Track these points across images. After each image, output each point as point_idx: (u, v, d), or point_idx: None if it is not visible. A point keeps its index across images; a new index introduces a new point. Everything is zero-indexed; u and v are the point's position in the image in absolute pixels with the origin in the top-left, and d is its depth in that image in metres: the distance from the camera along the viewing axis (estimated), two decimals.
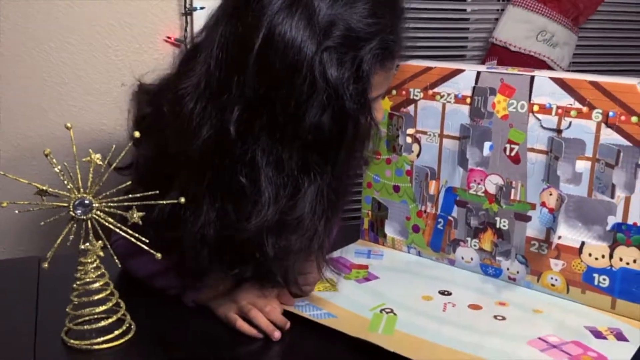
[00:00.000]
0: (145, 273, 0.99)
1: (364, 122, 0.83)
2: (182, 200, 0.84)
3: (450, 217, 1.12)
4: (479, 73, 1.05)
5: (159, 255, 0.85)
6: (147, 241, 0.85)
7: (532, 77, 0.99)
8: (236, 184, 0.83)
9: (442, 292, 1.04)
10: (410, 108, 1.13)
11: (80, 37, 1.32)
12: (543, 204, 1.01)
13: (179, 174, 0.87)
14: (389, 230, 1.21)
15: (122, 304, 0.90)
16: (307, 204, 0.83)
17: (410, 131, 1.14)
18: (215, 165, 0.83)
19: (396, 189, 1.18)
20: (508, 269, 1.07)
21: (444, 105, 1.09)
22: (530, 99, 1.00)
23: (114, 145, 0.83)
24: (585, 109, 0.95)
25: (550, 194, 1.00)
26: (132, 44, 1.35)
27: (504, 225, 1.06)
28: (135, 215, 0.85)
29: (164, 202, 0.85)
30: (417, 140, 1.14)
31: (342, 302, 0.98)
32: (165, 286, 0.98)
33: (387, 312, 0.95)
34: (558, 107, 0.97)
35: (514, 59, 1.91)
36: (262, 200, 0.82)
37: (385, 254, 1.19)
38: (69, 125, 0.81)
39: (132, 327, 0.90)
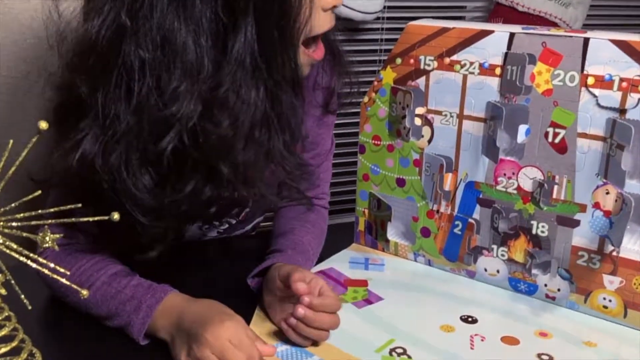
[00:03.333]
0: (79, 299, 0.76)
1: None
2: (116, 217, 0.59)
3: (470, 220, 0.89)
4: (512, 35, 0.80)
5: (84, 292, 0.60)
6: (69, 273, 0.61)
7: (587, 40, 0.75)
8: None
9: (465, 319, 0.81)
10: (420, 81, 0.88)
11: None
12: (596, 206, 0.78)
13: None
14: (392, 234, 0.97)
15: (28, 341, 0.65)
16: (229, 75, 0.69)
17: (419, 110, 0.89)
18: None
19: (401, 182, 0.94)
20: (546, 285, 0.85)
21: (464, 77, 0.85)
22: (583, 69, 0.76)
23: (11, 141, 0.58)
24: None
25: (607, 193, 0.77)
26: None
27: (543, 232, 0.83)
28: (48, 239, 0.60)
29: (91, 219, 0.60)
30: (428, 122, 0.89)
31: (338, 341, 0.74)
32: (104, 313, 0.75)
33: (399, 355, 0.72)
34: (622, 80, 0.74)
35: (522, 20, 1.67)
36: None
37: (386, 263, 0.96)
38: None
39: None
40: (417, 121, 0.90)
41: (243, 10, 0.67)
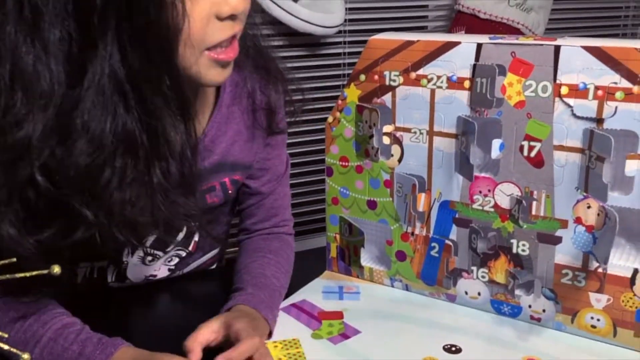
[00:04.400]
0: None
1: None
2: (57, 270, 0.53)
3: (447, 241, 0.84)
4: (479, 45, 0.76)
5: (25, 357, 0.54)
6: (7, 336, 0.54)
7: (558, 48, 0.72)
8: None
9: (449, 349, 0.76)
10: (386, 98, 0.84)
11: None
12: (578, 221, 0.74)
13: None
14: (366, 259, 0.92)
15: None
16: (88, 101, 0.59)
17: (387, 129, 0.85)
18: None
19: (372, 205, 0.89)
20: (530, 306, 0.80)
21: (432, 92, 0.80)
22: (555, 79, 0.72)
23: None
24: (636, 89, 0.68)
25: (589, 207, 0.73)
26: None
27: (524, 250, 0.79)
28: None
29: (28, 274, 0.54)
30: (397, 141, 0.85)
31: None
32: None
33: None
34: (597, 88, 0.70)
35: (484, 27, 1.65)
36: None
37: (362, 290, 0.90)
38: None
39: None
40: (386, 140, 0.85)
41: (101, 29, 0.58)
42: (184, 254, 0.92)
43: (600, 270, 0.74)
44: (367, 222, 0.90)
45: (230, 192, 0.89)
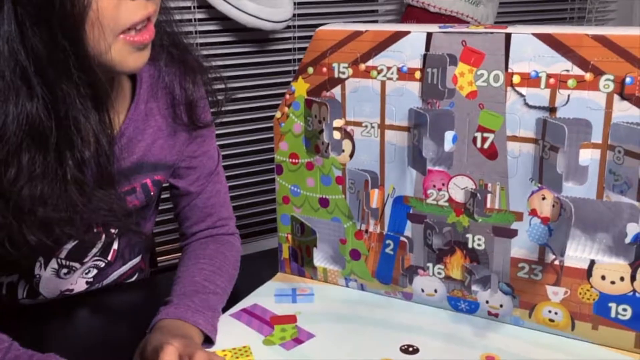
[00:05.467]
0: None
1: None
2: None
3: (402, 238, 0.81)
4: (430, 35, 0.74)
5: None
6: None
7: (508, 35, 0.70)
8: None
9: (406, 350, 0.73)
10: (336, 91, 0.81)
11: None
12: (533, 213, 0.73)
13: None
14: (319, 259, 0.89)
15: None
16: None
17: (337, 123, 0.82)
18: None
19: (324, 202, 0.86)
20: (487, 302, 0.78)
21: (383, 84, 0.78)
22: (507, 67, 0.70)
23: None
24: (589, 76, 0.66)
25: (543, 198, 0.72)
26: None
27: (479, 245, 0.77)
28: None
29: None
30: (348, 135, 0.82)
31: None
32: None
33: None
34: (549, 76, 0.68)
35: (434, 21, 1.64)
36: None
37: (316, 292, 0.87)
38: None
39: None
40: (336, 135, 0.82)
41: None
42: (102, 264, 0.87)
43: (556, 262, 0.73)
44: (320, 221, 0.87)
45: (152, 193, 0.84)
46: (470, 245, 0.77)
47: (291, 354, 0.73)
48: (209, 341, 0.73)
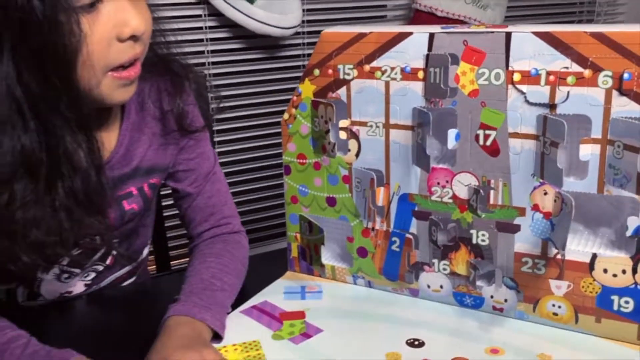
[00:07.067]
0: None
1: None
2: None
3: (408, 235, 0.83)
4: (432, 35, 0.76)
5: None
6: None
7: (509, 34, 0.72)
8: None
9: (412, 343, 0.75)
10: (341, 92, 0.83)
11: None
12: (535, 208, 0.74)
13: None
14: (327, 257, 0.91)
15: None
16: None
17: (343, 123, 0.84)
18: None
19: (331, 201, 0.88)
20: (492, 296, 0.80)
21: (387, 84, 0.79)
22: (508, 66, 0.72)
23: None
24: (587, 73, 0.68)
25: (545, 194, 0.73)
26: None
27: (483, 240, 0.78)
28: None
29: None
30: (354, 135, 0.84)
31: None
32: None
33: None
34: (549, 73, 0.70)
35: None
36: None
37: (324, 289, 0.89)
38: None
39: None
40: (342, 135, 0.84)
41: None
42: (101, 268, 0.89)
43: (559, 256, 0.74)
44: (327, 220, 0.89)
45: (149, 197, 0.87)
46: (474, 241, 0.78)
47: (300, 348, 0.74)
48: (218, 337, 0.75)
